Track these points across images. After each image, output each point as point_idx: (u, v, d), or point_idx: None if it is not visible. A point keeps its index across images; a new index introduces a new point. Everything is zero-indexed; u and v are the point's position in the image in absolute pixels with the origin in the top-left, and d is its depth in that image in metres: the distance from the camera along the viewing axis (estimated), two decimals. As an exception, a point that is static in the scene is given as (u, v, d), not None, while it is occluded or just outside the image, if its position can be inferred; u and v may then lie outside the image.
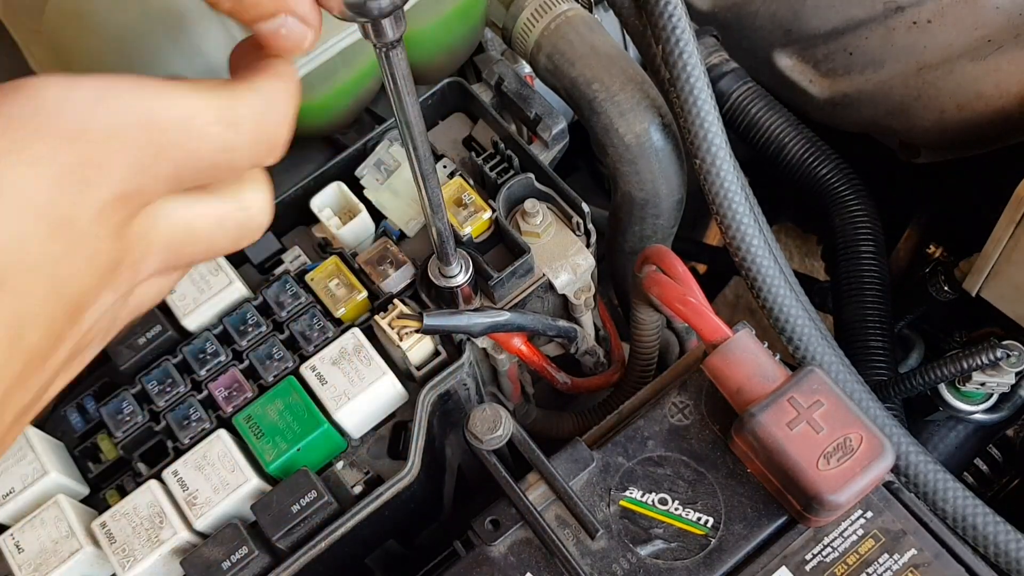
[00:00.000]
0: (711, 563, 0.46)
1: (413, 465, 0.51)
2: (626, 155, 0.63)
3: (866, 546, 0.45)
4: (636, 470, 0.48)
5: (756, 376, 0.47)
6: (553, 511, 0.48)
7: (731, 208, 0.59)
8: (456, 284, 0.53)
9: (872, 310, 0.72)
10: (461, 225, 0.56)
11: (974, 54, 0.65)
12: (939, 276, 0.74)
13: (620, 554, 0.46)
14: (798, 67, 0.75)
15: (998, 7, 0.63)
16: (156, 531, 0.50)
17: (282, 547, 0.50)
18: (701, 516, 0.47)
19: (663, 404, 0.50)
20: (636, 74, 0.64)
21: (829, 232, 0.75)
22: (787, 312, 0.60)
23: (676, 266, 0.51)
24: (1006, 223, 0.59)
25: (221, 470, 0.51)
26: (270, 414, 0.52)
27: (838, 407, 0.46)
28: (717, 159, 0.58)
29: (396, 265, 0.57)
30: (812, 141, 0.74)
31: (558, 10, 0.66)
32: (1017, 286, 0.62)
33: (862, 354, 0.71)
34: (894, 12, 0.66)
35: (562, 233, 0.58)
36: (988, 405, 0.70)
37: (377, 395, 0.53)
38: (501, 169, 0.59)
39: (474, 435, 0.48)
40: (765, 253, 0.59)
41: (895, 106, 0.71)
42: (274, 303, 0.56)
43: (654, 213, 0.66)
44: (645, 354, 0.61)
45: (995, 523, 0.57)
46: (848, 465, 0.44)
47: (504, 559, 0.47)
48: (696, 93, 0.58)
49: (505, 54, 0.75)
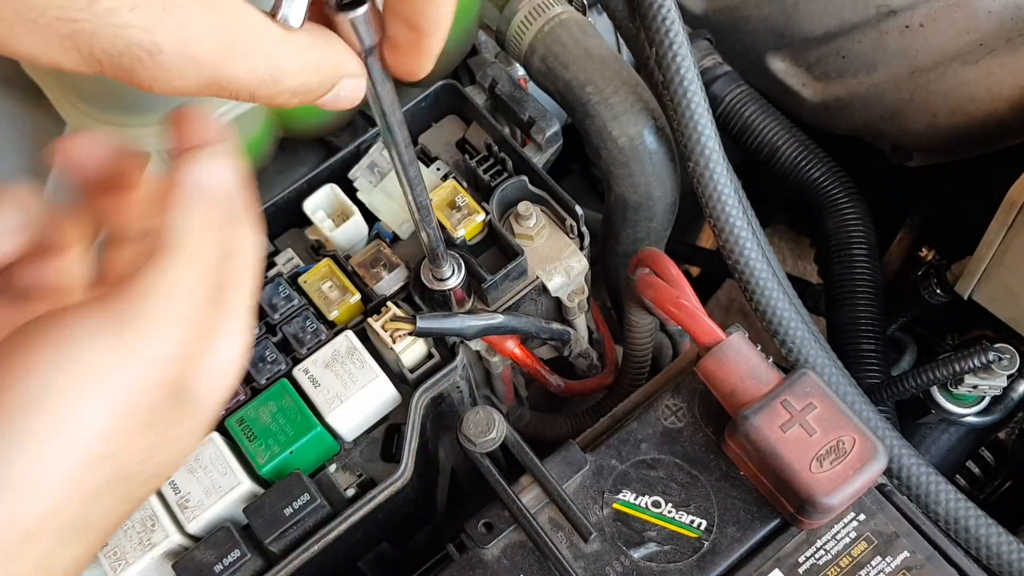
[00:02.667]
0: (704, 566, 0.46)
1: (406, 468, 0.51)
2: (619, 158, 0.63)
3: (859, 549, 0.45)
4: (629, 473, 0.48)
5: (749, 379, 0.47)
6: (546, 514, 0.48)
7: (724, 211, 0.59)
8: (448, 287, 0.53)
9: (865, 313, 0.72)
10: (455, 228, 0.56)
11: (966, 58, 0.65)
12: (931, 279, 0.74)
13: (613, 557, 0.46)
14: (791, 70, 0.76)
15: (990, 11, 0.63)
16: (148, 534, 0.49)
17: (275, 550, 0.49)
18: (694, 519, 0.47)
19: (656, 407, 0.50)
20: (630, 77, 0.64)
21: (822, 235, 0.76)
22: (780, 315, 0.60)
23: (669, 269, 0.51)
24: (998, 226, 0.59)
25: (213, 473, 0.51)
26: (263, 417, 0.52)
27: (831, 410, 0.46)
28: (710, 162, 0.59)
29: (389, 268, 0.57)
30: (805, 144, 0.74)
31: (552, 13, 0.66)
32: (1009, 289, 0.62)
33: (855, 357, 0.71)
34: (886, 16, 0.67)
35: (556, 236, 0.58)
36: (980, 408, 0.70)
37: (370, 398, 0.53)
38: (495, 172, 0.59)
39: (467, 438, 0.48)
40: (758, 256, 0.59)
41: (887, 109, 0.71)
42: (267, 305, 0.56)
43: (647, 216, 0.66)
44: (638, 357, 0.61)
45: (987, 525, 0.58)
46: (841, 468, 0.44)
47: (497, 562, 0.47)
48: (690, 96, 0.58)
49: (499, 57, 0.75)
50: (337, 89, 0.34)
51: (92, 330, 0.31)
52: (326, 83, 0.34)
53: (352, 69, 0.35)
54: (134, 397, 0.31)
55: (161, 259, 0.32)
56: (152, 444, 0.33)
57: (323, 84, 0.34)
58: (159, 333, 0.31)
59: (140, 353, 0.31)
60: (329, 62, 0.34)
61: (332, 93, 0.34)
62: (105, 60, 0.29)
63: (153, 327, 0.31)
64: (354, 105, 0.36)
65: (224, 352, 0.35)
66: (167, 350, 0.32)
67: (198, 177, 0.34)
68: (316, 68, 0.33)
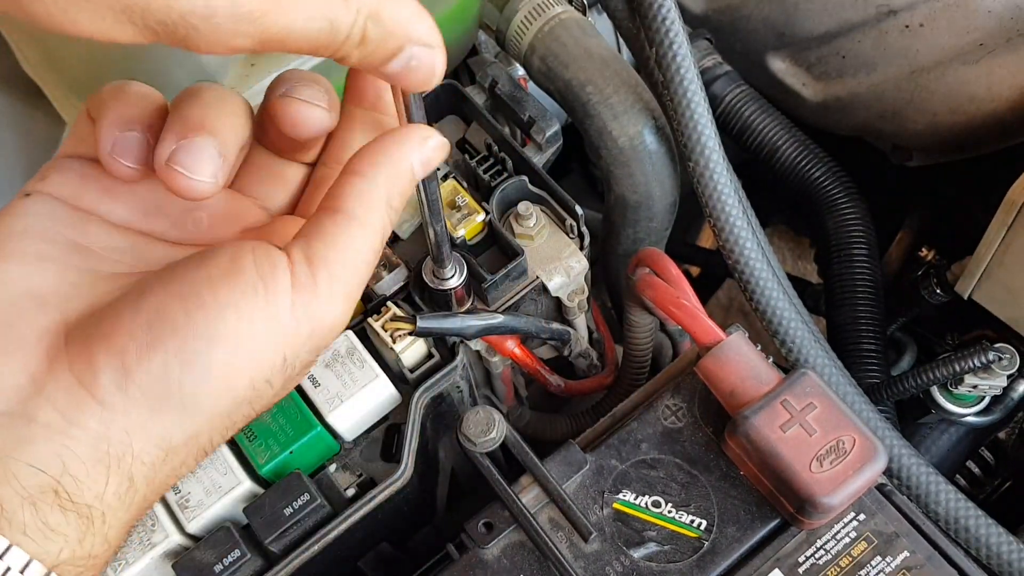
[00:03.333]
0: (704, 566, 0.46)
1: (406, 468, 0.51)
2: (620, 158, 0.63)
3: (859, 548, 0.45)
4: (629, 472, 0.48)
5: (749, 379, 0.47)
6: (546, 514, 0.48)
7: (724, 211, 0.59)
8: (450, 286, 0.53)
9: (864, 313, 0.72)
10: (455, 228, 0.56)
11: (966, 58, 0.65)
12: (931, 279, 0.74)
13: (613, 557, 0.46)
14: (791, 70, 0.76)
15: (990, 11, 0.63)
16: (147, 534, 0.49)
17: (274, 550, 0.49)
18: (694, 519, 0.47)
19: (656, 407, 0.50)
20: (630, 77, 0.64)
21: (822, 235, 0.76)
22: (780, 315, 0.60)
23: (669, 268, 0.51)
24: (998, 226, 0.59)
25: (213, 473, 0.51)
26: (263, 417, 0.52)
27: (831, 410, 0.46)
28: (711, 162, 0.59)
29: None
30: (805, 144, 0.74)
31: (552, 13, 0.66)
32: (1009, 289, 0.62)
33: (855, 357, 0.71)
34: (886, 16, 0.67)
35: (556, 236, 0.58)
36: (980, 408, 0.70)
37: (370, 398, 0.53)
38: (495, 172, 0.59)
39: (467, 438, 0.48)
40: (758, 256, 0.59)
41: (887, 109, 0.71)
42: (267, 305, 0.55)
43: (647, 216, 0.66)
44: (638, 357, 0.61)
45: (987, 525, 0.58)
46: (841, 468, 0.44)
47: (497, 562, 0.47)
48: (690, 96, 0.58)
49: (499, 56, 0.75)
50: (407, 56, 0.33)
51: (281, 287, 0.34)
52: (390, 41, 0.32)
53: (423, 34, 0.33)
54: (292, 356, 0.35)
55: (353, 229, 0.35)
56: (277, 395, 0.37)
57: (386, 41, 0.32)
58: (333, 306, 0.35)
59: (314, 322, 0.34)
60: (393, 15, 0.32)
61: (401, 60, 0.33)
62: (161, 30, 0.28)
63: (332, 299, 0.35)
64: (428, 88, 0.34)
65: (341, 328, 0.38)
66: (333, 321, 0.35)
67: (414, 162, 0.37)
68: (377, 18, 0.31)
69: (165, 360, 0.33)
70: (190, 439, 0.34)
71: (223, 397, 0.34)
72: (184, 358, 0.33)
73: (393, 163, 0.36)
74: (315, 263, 0.35)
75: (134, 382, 0.33)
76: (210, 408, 0.34)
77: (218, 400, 0.34)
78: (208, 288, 0.34)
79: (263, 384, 0.35)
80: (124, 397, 0.33)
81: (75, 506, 0.32)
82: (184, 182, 0.35)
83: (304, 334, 0.35)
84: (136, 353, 0.33)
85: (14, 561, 0.31)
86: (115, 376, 0.33)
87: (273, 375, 0.35)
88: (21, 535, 0.31)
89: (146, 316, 0.33)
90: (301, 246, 0.35)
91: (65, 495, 0.32)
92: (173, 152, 0.35)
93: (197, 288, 0.34)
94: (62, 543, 0.32)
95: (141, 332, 0.33)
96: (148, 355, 0.33)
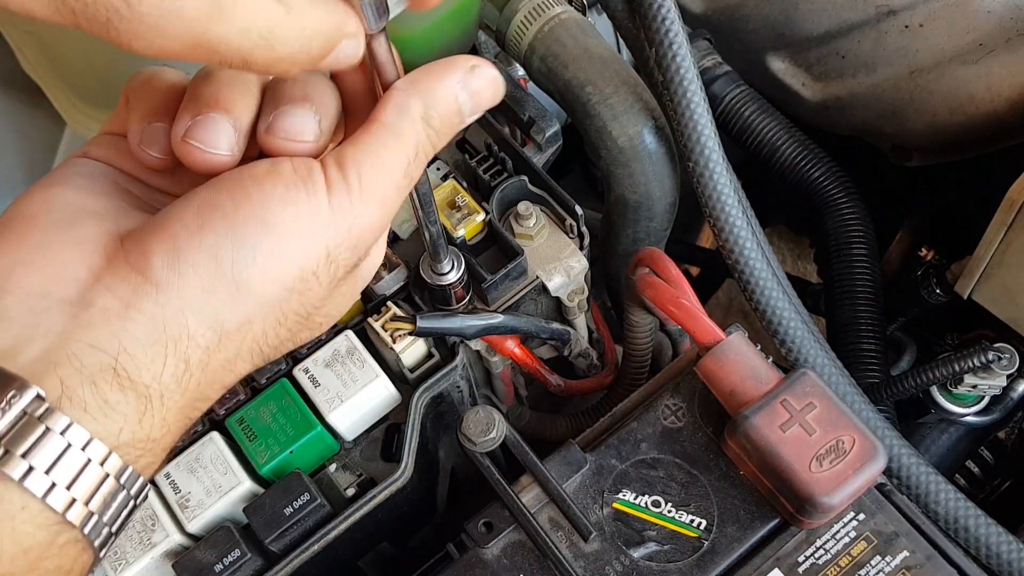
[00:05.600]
0: (704, 565, 0.46)
1: (406, 467, 0.51)
2: (619, 158, 0.63)
3: (858, 548, 0.45)
4: (629, 472, 0.48)
5: (749, 378, 0.47)
6: (546, 513, 0.48)
7: (724, 211, 0.59)
8: (448, 282, 0.53)
9: (864, 313, 0.72)
10: (455, 227, 0.56)
11: (965, 58, 0.65)
12: (931, 279, 0.74)
13: (613, 556, 0.46)
14: (791, 70, 0.76)
15: (989, 11, 0.63)
16: (148, 534, 0.49)
17: (275, 549, 0.49)
18: (694, 518, 0.47)
19: (656, 406, 0.50)
20: (629, 77, 0.64)
21: (821, 235, 0.76)
22: (780, 314, 0.60)
23: (669, 268, 0.51)
24: (997, 226, 0.59)
25: (214, 472, 0.51)
26: (263, 416, 0.52)
27: (830, 409, 0.46)
28: (710, 162, 0.59)
29: (389, 267, 0.57)
30: (804, 144, 0.74)
31: (552, 13, 0.66)
32: (1008, 289, 0.62)
33: (854, 356, 0.71)
34: (886, 16, 0.67)
35: (555, 235, 0.58)
36: (979, 407, 0.70)
37: (370, 397, 0.53)
38: (495, 172, 0.59)
39: (467, 437, 0.48)
40: (758, 256, 0.59)
41: (887, 109, 0.71)
42: (267, 305, 0.56)
43: (647, 216, 0.66)
44: (638, 356, 0.61)
45: (987, 525, 0.58)
46: (841, 467, 0.44)
47: (497, 561, 0.47)
48: (689, 96, 0.58)
49: (499, 56, 0.75)
50: (336, 51, 0.33)
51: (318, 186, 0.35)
52: (326, 47, 0.33)
53: (352, 29, 0.33)
54: (334, 250, 0.36)
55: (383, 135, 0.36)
56: (327, 296, 0.38)
57: (323, 48, 0.32)
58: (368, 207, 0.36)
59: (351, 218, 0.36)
60: (328, 24, 0.32)
61: (332, 56, 0.33)
62: (79, 9, 0.27)
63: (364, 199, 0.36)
64: (352, 65, 0.35)
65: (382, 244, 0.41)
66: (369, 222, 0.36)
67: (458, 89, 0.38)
68: (315, 31, 0.32)
69: (216, 240, 0.34)
70: (242, 324, 0.35)
71: (273, 282, 0.35)
72: (234, 238, 0.34)
73: (432, 80, 0.37)
74: (345, 165, 0.36)
75: (185, 260, 0.34)
76: (260, 291, 0.35)
77: (267, 284, 0.35)
78: (253, 183, 0.35)
79: (311, 276, 0.36)
80: (177, 276, 0.34)
81: (133, 384, 0.33)
82: (199, 155, 0.36)
83: (343, 229, 0.36)
84: (187, 236, 0.34)
85: (75, 438, 0.32)
86: (167, 258, 0.34)
87: (319, 268, 0.36)
88: (82, 412, 0.32)
89: (196, 206, 0.35)
90: (333, 153, 0.37)
91: (124, 373, 0.33)
92: (189, 128, 0.36)
93: (243, 183, 0.35)
94: (122, 422, 0.33)
95: (191, 217, 0.34)
96: (199, 235, 0.34)
